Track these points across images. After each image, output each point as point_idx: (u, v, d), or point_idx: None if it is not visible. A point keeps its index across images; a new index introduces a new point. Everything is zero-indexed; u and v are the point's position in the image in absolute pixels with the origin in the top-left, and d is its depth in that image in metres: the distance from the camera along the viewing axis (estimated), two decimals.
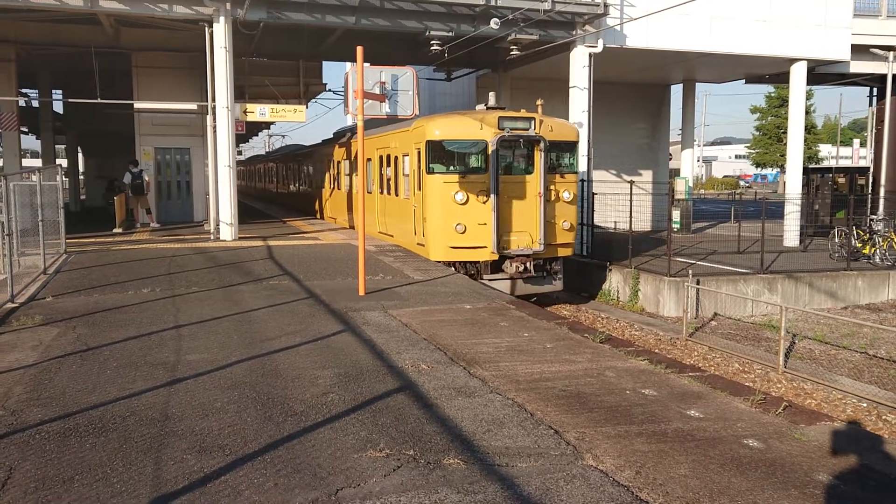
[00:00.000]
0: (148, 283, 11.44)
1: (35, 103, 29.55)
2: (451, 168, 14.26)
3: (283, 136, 53.09)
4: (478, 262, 14.29)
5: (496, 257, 14.08)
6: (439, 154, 14.26)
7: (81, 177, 40.65)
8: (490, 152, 13.87)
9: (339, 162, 22.74)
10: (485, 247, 14.04)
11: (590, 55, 19.23)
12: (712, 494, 4.20)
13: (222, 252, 15.28)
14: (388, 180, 17.07)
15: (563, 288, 15.71)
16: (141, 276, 12.09)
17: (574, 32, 18.98)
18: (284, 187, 35.04)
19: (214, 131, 17.87)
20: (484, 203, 14.00)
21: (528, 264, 14.20)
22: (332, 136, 24.50)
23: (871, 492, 4.30)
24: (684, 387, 6.32)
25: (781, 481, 4.38)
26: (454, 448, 4.83)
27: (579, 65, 19.17)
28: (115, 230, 19.95)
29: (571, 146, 15.19)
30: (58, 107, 31.88)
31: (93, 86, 20.57)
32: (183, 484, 4.27)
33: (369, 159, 18.17)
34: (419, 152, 14.60)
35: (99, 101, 20.53)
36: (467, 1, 17.54)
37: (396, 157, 16.26)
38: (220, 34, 16.93)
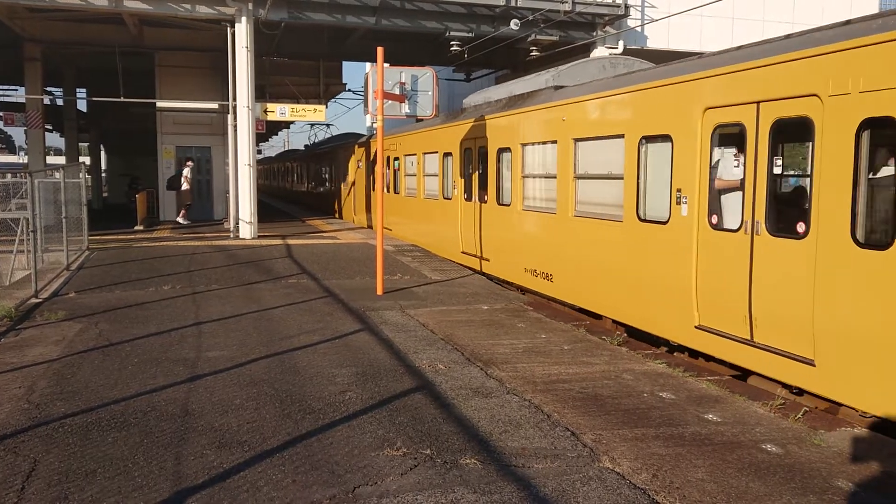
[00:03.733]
0: (168, 280, 11.56)
1: (60, 101, 29.98)
2: None
3: (329, 126, 41.77)
4: None
5: None
6: None
7: (104, 174, 41.14)
8: None
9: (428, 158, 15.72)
10: None
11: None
12: (729, 499, 4.18)
13: (242, 250, 15.41)
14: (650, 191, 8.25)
15: None
16: (162, 273, 12.23)
17: (594, 34, 18.93)
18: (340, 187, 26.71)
19: (235, 130, 18.04)
20: None
21: None
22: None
23: (893, 500, 4.26)
24: (702, 390, 6.29)
25: (800, 487, 4.35)
26: (471, 448, 4.85)
27: None
28: (136, 227, 20.18)
29: None
30: (81, 105, 32.32)
31: (116, 84, 20.84)
32: (203, 479, 4.32)
33: (586, 136, 9.54)
34: None
35: (122, 99, 20.80)
36: (487, 2, 17.56)
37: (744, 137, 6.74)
38: (242, 34, 17.08)
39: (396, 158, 18.14)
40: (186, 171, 21.31)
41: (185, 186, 21.41)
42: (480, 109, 13.24)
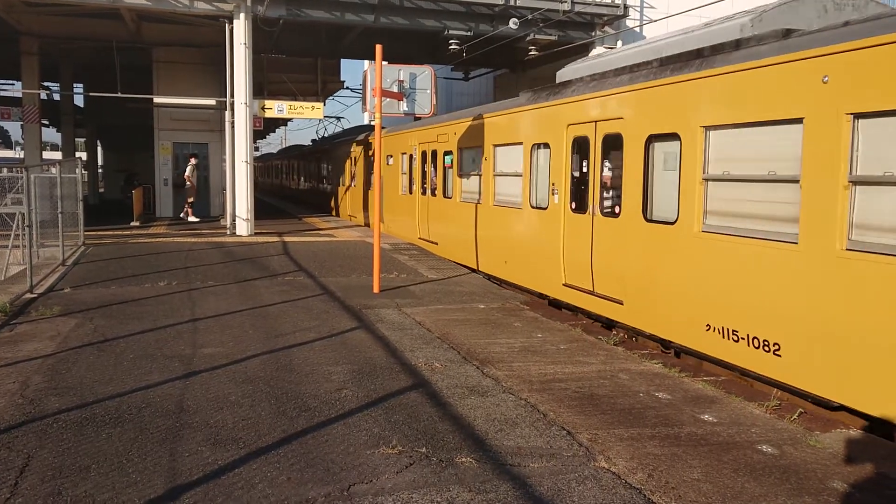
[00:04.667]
0: (164, 276, 11.53)
1: (56, 96, 29.90)
2: None
3: (340, 119, 39.01)
4: None
5: None
6: None
7: (100, 170, 41.03)
8: None
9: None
10: None
11: None
12: (725, 499, 4.18)
13: (238, 247, 15.38)
14: None
15: None
16: (157, 269, 12.20)
17: (593, 34, 18.93)
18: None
19: (232, 127, 18.00)
20: None
21: None
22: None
23: (887, 500, 4.26)
24: (698, 391, 6.29)
25: (795, 488, 4.35)
26: (466, 447, 4.84)
27: None
28: (132, 223, 20.13)
29: None
30: (78, 100, 32.23)
31: (113, 80, 20.79)
32: (198, 475, 4.31)
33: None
34: None
35: (119, 95, 20.74)
36: (486, 1, 17.54)
37: None
38: (240, 31, 17.05)
39: (448, 153, 14.41)
40: (189, 169, 21.28)
41: (187, 183, 21.39)
42: (602, 81, 9.42)
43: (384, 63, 10.47)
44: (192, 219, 21.24)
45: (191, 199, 21.45)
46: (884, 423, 5.57)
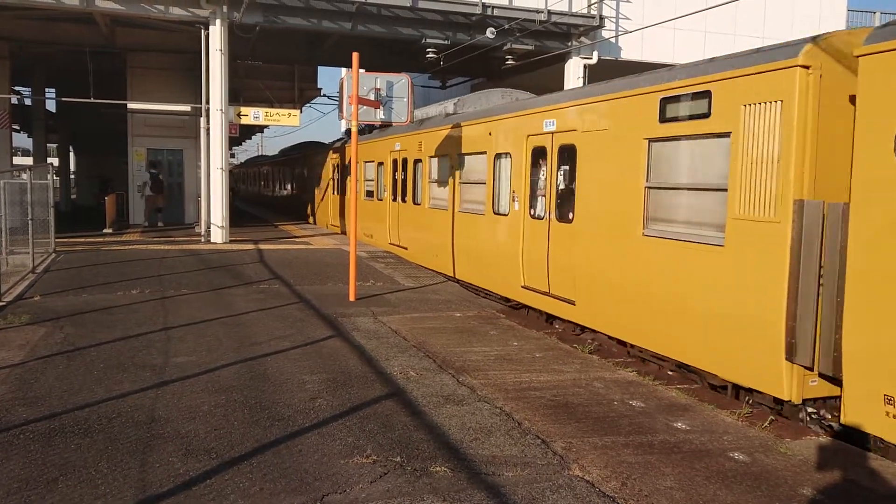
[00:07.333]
0: (137, 284, 11.39)
1: (28, 101, 29.44)
2: None
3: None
4: None
5: None
6: None
7: (73, 176, 40.47)
8: None
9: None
10: None
11: (584, 66, 19.33)
12: None
13: (213, 255, 15.23)
14: None
15: None
16: (130, 276, 12.04)
17: (569, 44, 19.08)
18: None
19: (208, 133, 17.85)
20: None
21: None
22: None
23: None
24: (672, 399, 6.34)
25: (766, 495, 4.40)
26: (441, 456, 4.83)
27: (574, 76, 19.27)
28: (105, 230, 19.86)
29: None
30: (51, 105, 31.80)
31: (87, 85, 20.53)
32: (168, 486, 4.25)
33: None
34: None
35: (92, 100, 20.48)
36: (464, 10, 17.62)
37: None
38: (216, 37, 16.94)
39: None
40: (161, 176, 21.26)
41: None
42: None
43: (361, 71, 10.46)
44: (161, 223, 21.26)
45: (161, 205, 21.50)
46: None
